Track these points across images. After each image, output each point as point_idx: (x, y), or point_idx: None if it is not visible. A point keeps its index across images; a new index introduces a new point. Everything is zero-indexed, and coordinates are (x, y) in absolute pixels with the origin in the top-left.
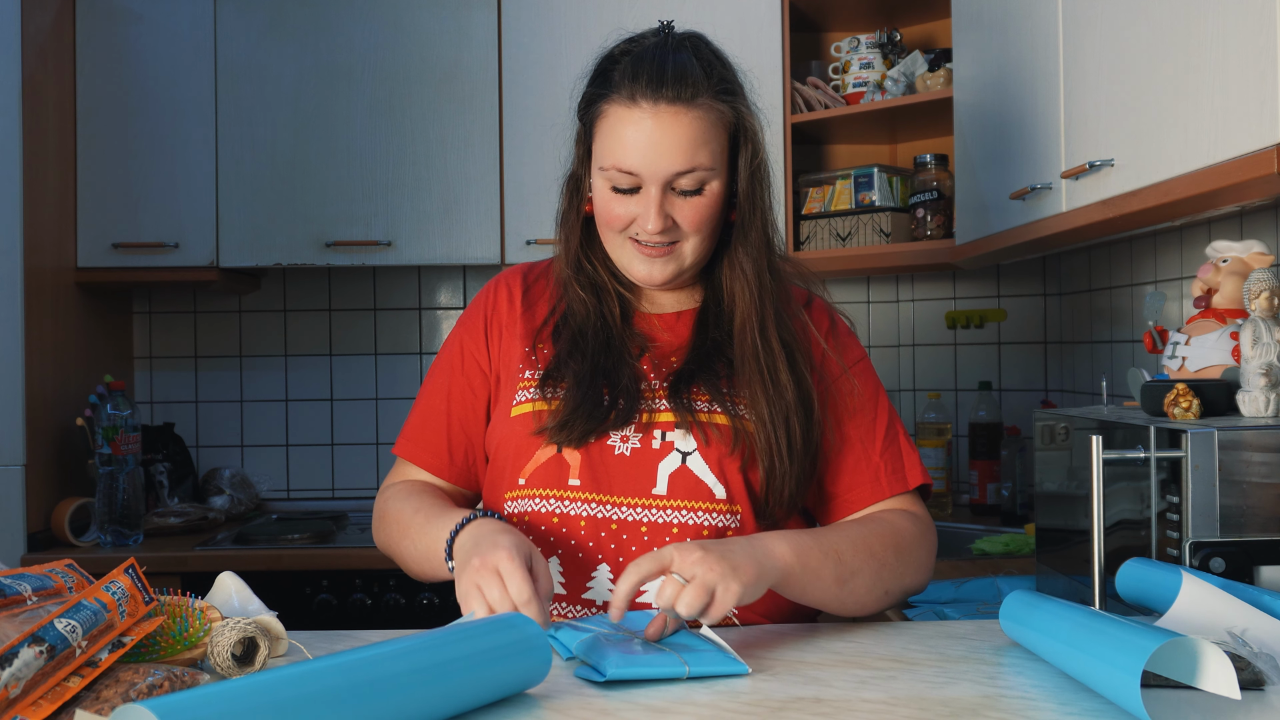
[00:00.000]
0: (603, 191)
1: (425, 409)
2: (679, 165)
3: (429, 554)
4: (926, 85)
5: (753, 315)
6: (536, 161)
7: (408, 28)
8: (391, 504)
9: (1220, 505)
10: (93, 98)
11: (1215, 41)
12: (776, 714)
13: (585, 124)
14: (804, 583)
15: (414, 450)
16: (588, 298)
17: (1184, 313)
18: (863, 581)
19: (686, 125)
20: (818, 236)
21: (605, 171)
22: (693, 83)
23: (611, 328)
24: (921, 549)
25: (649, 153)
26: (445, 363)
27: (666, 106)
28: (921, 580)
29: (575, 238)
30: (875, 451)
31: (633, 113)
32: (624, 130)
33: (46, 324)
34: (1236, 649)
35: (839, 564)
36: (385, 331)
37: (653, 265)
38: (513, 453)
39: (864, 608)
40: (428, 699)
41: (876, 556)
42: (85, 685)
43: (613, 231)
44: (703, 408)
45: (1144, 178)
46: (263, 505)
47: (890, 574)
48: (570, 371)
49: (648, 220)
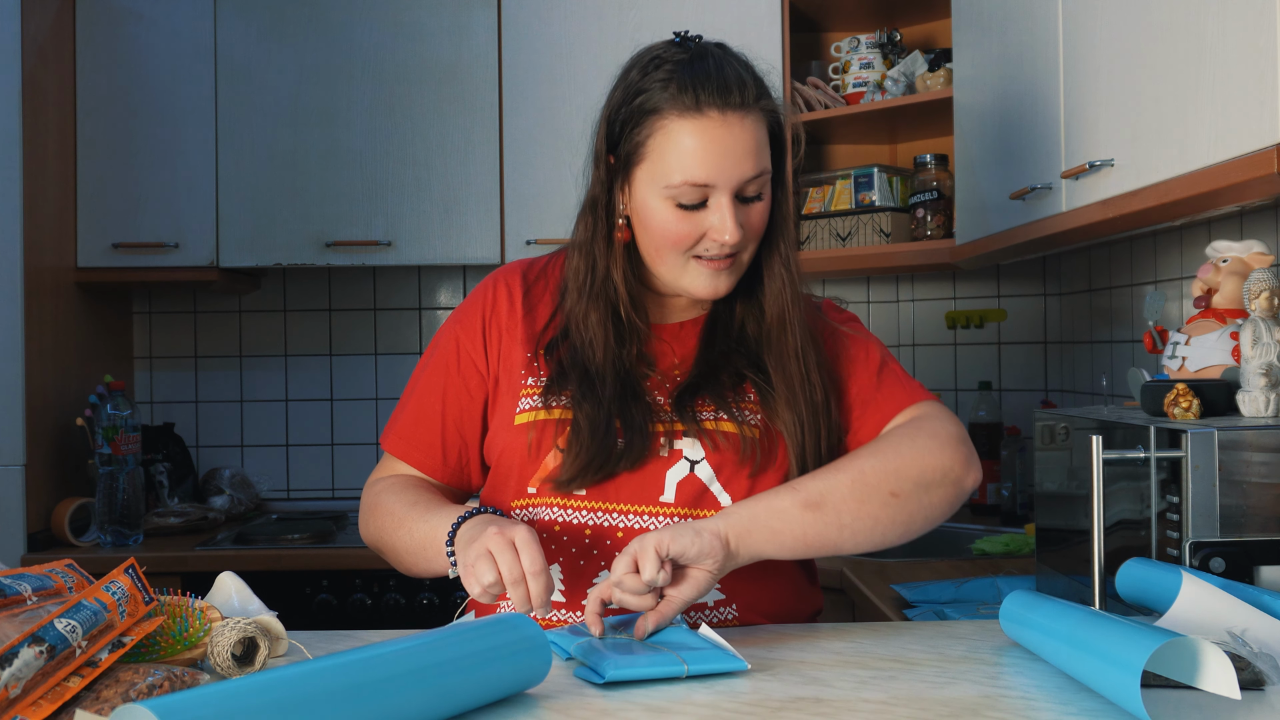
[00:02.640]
0: (665, 212)
1: (419, 407)
2: (750, 170)
3: (426, 543)
4: (926, 85)
5: (794, 312)
6: (536, 161)
7: (407, 28)
8: (384, 496)
9: (1220, 505)
10: (93, 98)
11: (1215, 41)
12: (776, 714)
13: (626, 150)
14: (769, 522)
15: (406, 448)
16: (609, 339)
17: (1184, 313)
18: (844, 498)
19: (752, 130)
20: (818, 236)
21: (673, 189)
22: (750, 88)
23: (629, 371)
24: (915, 438)
25: (723, 160)
26: (440, 361)
27: (733, 113)
28: (941, 462)
29: (603, 265)
30: (872, 388)
31: (700, 122)
32: (693, 142)
33: (46, 324)
34: (1236, 649)
35: (795, 491)
36: (385, 331)
37: (718, 279)
38: (518, 461)
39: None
40: (428, 699)
41: (848, 470)
42: (85, 685)
43: (677, 252)
44: (709, 416)
45: (1144, 178)
46: (263, 505)
47: (879, 476)
48: (584, 416)
49: (725, 231)
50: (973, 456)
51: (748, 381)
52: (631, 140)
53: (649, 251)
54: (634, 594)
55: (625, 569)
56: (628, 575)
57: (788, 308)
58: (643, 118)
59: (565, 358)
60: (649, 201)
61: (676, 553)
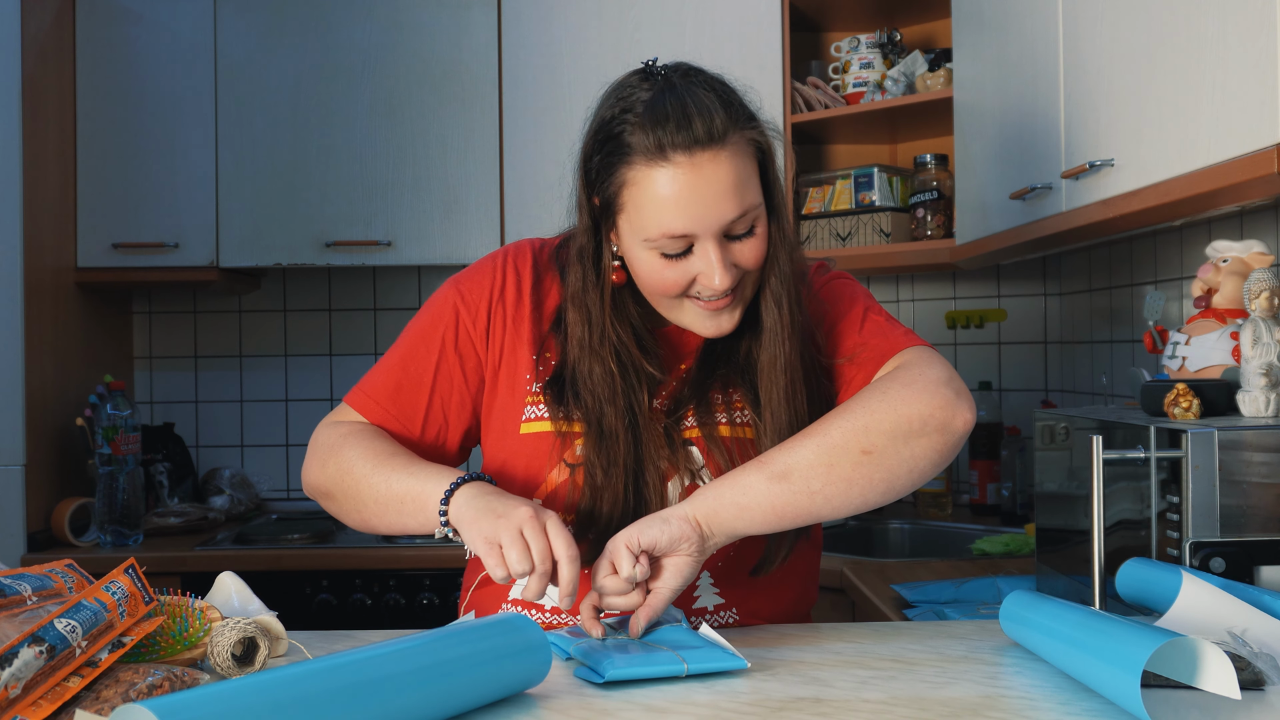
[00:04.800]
0: (650, 263)
1: (405, 376)
2: (732, 211)
3: (408, 498)
4: (926, 85)
5: (791, 351)
6: (536, 161)
7: (408, 27)
8: (352, 440)
9: (1220, 505)
10: (93, 98)
11: (1215, 41)
12: (776, 714)
13: (604, 198)
14: (736, 499)
15: (382, 414)
16: (615, 391)
17: (1184, 313)
18: (811, 463)
19: (727, 168)
20: (818, 236)
21: (652, 242)
22: (718, 119)
23: (639, 418)
24: (888, 390)
25: (697, 208)
26: (435, 333)
27: (701, 152)
28: (919, 409)
29: (599, 318)
30: (856, 346)
31: (667, 170)
32: (662, 193)
33: (46, 324)
34: (1236, 649)
35: (759, 464)
36: (385, 331)
37: (720, 318)
38: (523, 472)
39: (853, 482)
40: (428, 699)
41: (812, 434)
42: (85, 685)
43: (670, 298)
44: (708, 423)
45: (1144, 178)
46: (263, 505)
47: (847, 435)
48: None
49: (713, 278)
50: (960, 397)
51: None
52: (607, 190)
53: (649, 298)
54: (618, 594)
55: (605, 572)
56: (608, 578)
57: (781, 348)
58: (614, 166)
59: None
60: (634, 251)
61: (648, 544)
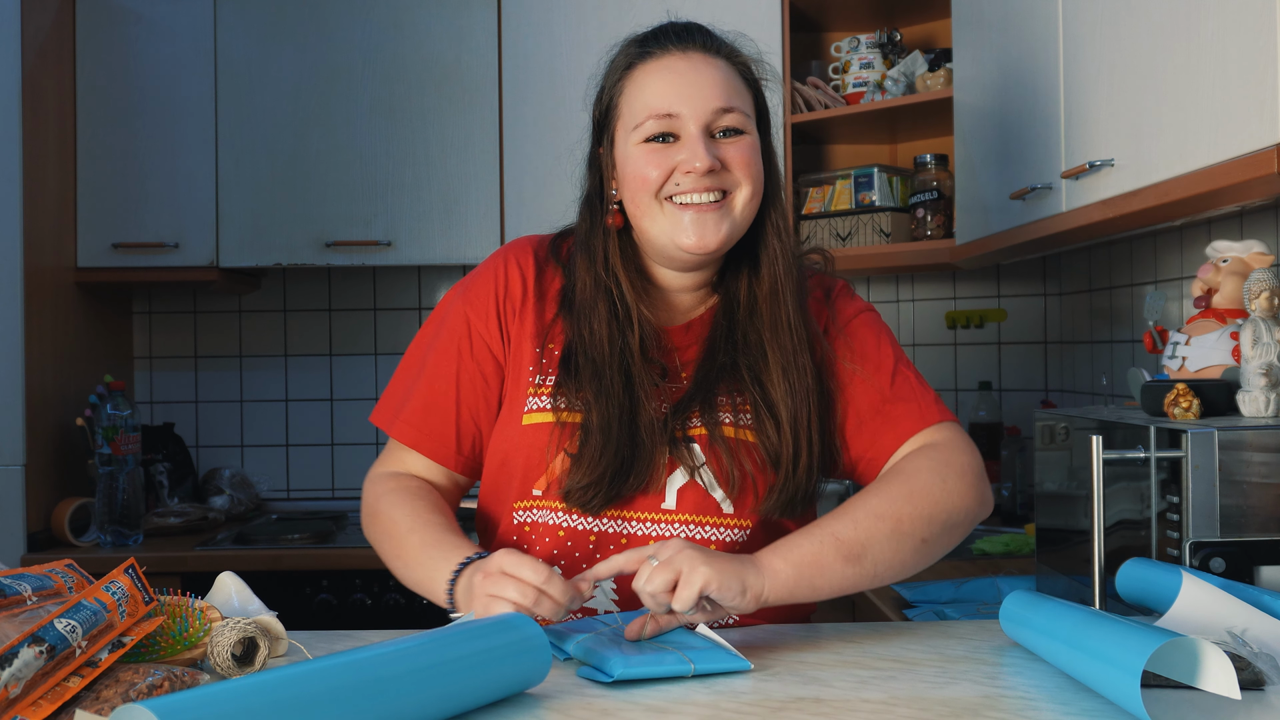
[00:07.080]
0: (636, 153)
1: (430, 392)
2: (718, 100)
3: (422, 586)
4: (926, 85)
5: (787, 283)
6: (536, 161)
7: (408, 28)
8: (385, 508)
9: (1220, 505)
10: (93, 98)
11: (1215, 41)
12: (776, 714)
13: (602, 111)
14: (812, 579)
15: (418, 437)
16: (612, 331)
17: (1184, 313)
18: (882, 548)
19: (719, 68)
20: (818, 236)
21: (639, 128)
22: (716, 40)
23: (631, 365)
24: (946, 478)
25: (687, 89)
26: (451, 342)
27: (696, 52)
28: (967, 504)
29: (600, 255)
30: (885, 400)
31: (662, 59)
32: (655, 79)
33: (46, 324)
34: (1236, 649)
35: (838, 544)
36: (385, 331)
37: (705, 226)
38: (524, 463)
39: (905, 566)
40: (428, 699)
41: (886, 517)
42: (85, 685)
43: (651, 195)
44: (710, 421)
45: (1144, 178)
46: (263, 505)
47: (915, 524)
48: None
49: (695, 158)
50: (988, 490)
51: (747, 391)
52: (607, 108)
53: (635, 214)
54: (659, 606)
55: (663, 586)
56: (662, 593)
57: (780, 279)
58: (615, 81)
59: (576, 359)
60: (624, 153)
61: (717, 599)
